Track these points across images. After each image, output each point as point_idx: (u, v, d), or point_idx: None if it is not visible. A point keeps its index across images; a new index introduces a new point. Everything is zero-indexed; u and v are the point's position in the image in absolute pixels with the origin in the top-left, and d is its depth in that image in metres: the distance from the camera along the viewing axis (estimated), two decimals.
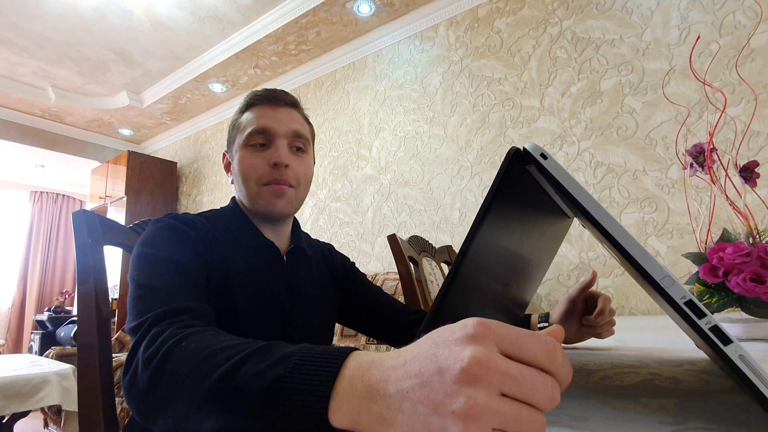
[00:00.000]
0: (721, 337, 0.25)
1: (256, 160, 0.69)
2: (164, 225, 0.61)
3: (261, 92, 0.73)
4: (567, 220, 0.54)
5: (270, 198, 0.69)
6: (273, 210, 0.69)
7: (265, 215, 0.71)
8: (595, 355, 0.60)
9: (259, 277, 0.67)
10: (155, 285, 0.50)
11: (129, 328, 0.46)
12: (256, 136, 0.69)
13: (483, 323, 0.22)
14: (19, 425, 2.17)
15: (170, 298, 0.48)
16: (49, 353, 2.54)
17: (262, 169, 0.69)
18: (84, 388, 0.62)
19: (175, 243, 0.58)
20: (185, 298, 0.49)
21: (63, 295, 4.92)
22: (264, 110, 0.71)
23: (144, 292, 0.49)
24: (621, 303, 1.63)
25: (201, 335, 0.39)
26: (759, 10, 1.49)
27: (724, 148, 1.42)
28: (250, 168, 0.69)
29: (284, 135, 0.70)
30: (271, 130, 0.69)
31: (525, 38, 2.08)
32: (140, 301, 0.48)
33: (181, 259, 0.56)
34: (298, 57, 2.91)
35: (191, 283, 0.54)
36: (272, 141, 0.70)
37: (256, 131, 0.69)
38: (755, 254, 0.64)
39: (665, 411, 0.31)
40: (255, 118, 0.70)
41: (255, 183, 0.69)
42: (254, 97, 0.73)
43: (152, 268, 0.53)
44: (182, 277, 0.53)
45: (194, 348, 0.37)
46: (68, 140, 4.10)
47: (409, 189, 2.40)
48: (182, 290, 0.51)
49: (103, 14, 2.54)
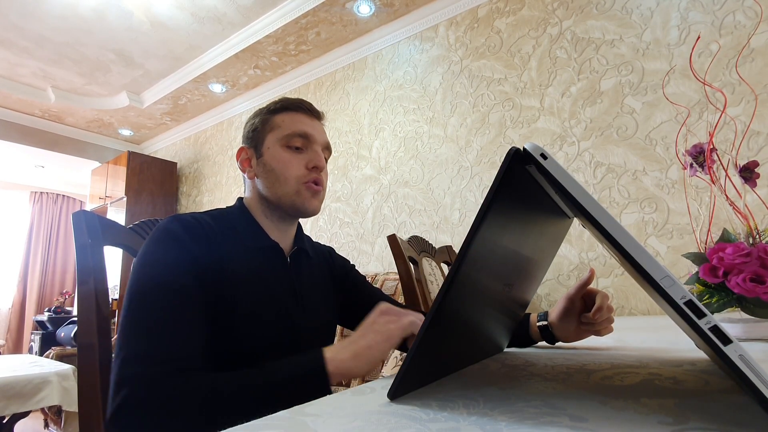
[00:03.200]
0: (720, 337, 0.25)
1: (295, 160, 0.73)
2: (167, 233, 0.61)
3: (297, 100, 0.77)
4: (567, 220, 0.54)
5: (308, 196, 0.73)
6: (308, 208, 0.73)
7: (297, 212, 0.74)
8: (595, 355, 0.60)
9: (262, 278, 0.68)
10: (149, 326, 0.52)
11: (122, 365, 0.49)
12: (297, 138, 0.73)
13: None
14: (20, 425, 2.17)
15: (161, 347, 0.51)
16: (49, 353, 2.54)
17: (301, 169, 0.73)
18: (84, 389, 0.62)
19: (174, 259, 0.59)
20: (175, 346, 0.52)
21: (63, 295, 4.92)
22: (303, 117, 0.75)
23: (139, 330, 0.52)
24: (621, 303, 1.63)
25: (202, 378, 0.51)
26: (759, 10, 1.49)
27: (724, 148, 1.43)
28: (289, 166, 0.72)
29: (321, 144, 0.76)
30: (312, 137, 0.74)
31: (525, 38, 2.08)
32: (134, 341, 0.51)
33: (176, 284, 0.56)
34: (297, 57, 2.92)
35: (184, 315, 0.55)
36: (309, 146, 0.74)
37: (299, 134, 0.73)
38: (755, 254, 0.64)
39: (665, 411, 0.31)
40: (296, 123, 0.74)
41: (295, 181, 0.72)
42: (291, 103, 0.76)
43: (149, 298, 0.54)
44: (176, 311, 0.55)
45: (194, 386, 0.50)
46: (68, 141, 4.10)
47: (409, 189, 2.40)
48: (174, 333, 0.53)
49: (103, 15, 2.54)
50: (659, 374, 0.44)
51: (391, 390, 0.39)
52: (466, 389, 0.42)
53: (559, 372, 0.49)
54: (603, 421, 0.30)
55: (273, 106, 0.77)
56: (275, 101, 0.77)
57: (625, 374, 0.45)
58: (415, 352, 0.38)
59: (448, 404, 0.37)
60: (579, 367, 0.51)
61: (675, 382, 0.40)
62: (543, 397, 0.38)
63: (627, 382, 0.42)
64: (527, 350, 0.71)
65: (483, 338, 0.56)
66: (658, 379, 0.42)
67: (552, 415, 0.32)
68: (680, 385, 0.39)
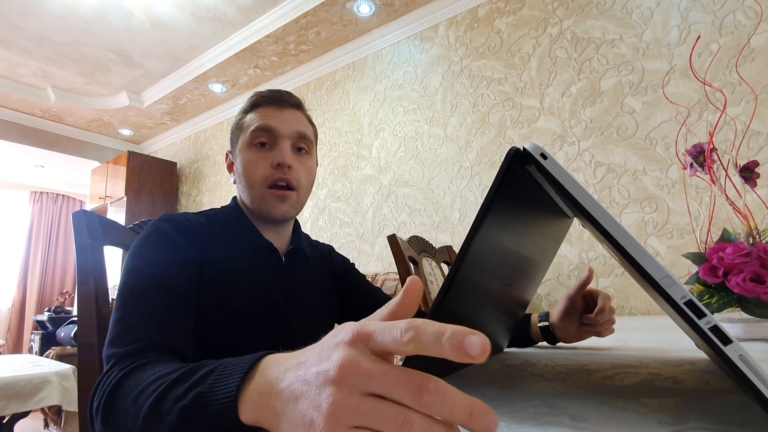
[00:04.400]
0: (720, 337, 0.25)
1: (260, 160, 0.69)
2: (154, 231, 0.60)
3: (266, 93, 0.73)
4: (567, 220, 0.54)
5: (272, 202, 0.69)
6: (274, 214, 0.69)
7: (266, 218, 0.71)
8: (595, 355, 0.60)
9: (256, 278, 0.67)
10: (130, 311, 0.51)
11: (104, 354, 0.48)
12: (259, 133, 0.69)
13: (357, 327, 0.24)
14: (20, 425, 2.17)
15: (139, 330, 0.49)
16: (49, 353, 2.54)
17: (266, 170, 0.68)
18: (84, 388, 0.62)
19: (161, 254, 0.58)
20: (152, 331, 0.50)
21: (63, 295, 4.91)
22: (269, 110, 0.71)
23: (120, 315, 0.51)
24: (621, 303, 1.63)
25: (142, 370, 0.41)
26: (759, 10, 1.49)
27: (724, 148, 1.43)
28: (253, 168, 0.69)
29: (288, 136, 0.70)
30: (276, 130, 0.69)
31: (525, 38, 2.08)
32: (116, 326, 0.50)
33: (161, 275, 0.55)
34: (297, 57, 2.92)
35: (165, 305, 0.54)
36: (276, 141, 0.69)
37: (260, 128, 0.69)
38: (755, 254, 0.64)
39: (665, 411, 0.31)
40: (259, 118, 0.70)
41: (260, 184, 0.68)
42: (259, 97, 0.72)
43: (133, 286, 0.53)
44: (158, 300, 0.53)
45: (132, 384, 0.40)
46: (68, 140, 4.10)
47: (409, 189, 2.40)
48: (153, 319, 0.51)
49: (103, 14, 2.54)
50: (659, 374, 0.44)
51: None
52: (466, 389, 0.42)
53: (559, 372, 0.49)
54: (603, 421, 0.30)
55: (246, 104, 0.74)
56: (249, 98, 0.74)
57: (625, 374, 0.45)
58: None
59: None
60: (579, 367, 0.51)
61: (675, 382, 0.40)
62: (543, 397, 0.38)
63: (627, 382, 0.42)
64: (527, 350, 0.71)
65: None
66: (658, 379, 0.42)
67: (552, 415, 0.32)
68: (680, 385, 0.39)
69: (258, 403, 0.27)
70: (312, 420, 0.22)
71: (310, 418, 0.22)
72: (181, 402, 0.32)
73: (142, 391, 0.37)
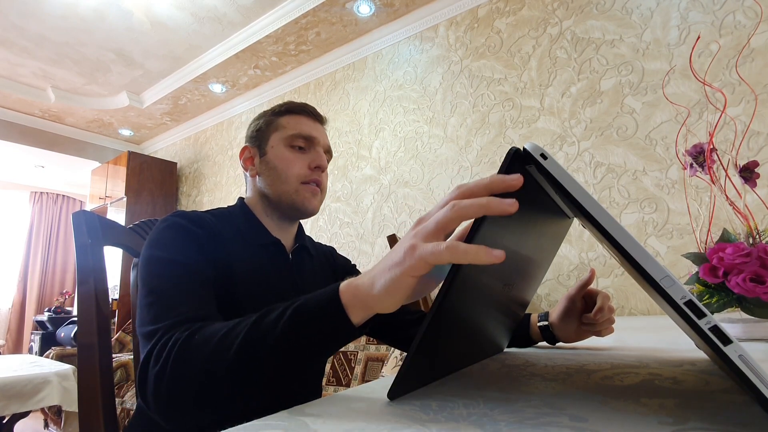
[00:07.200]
0: (720, 337, 0.25)
1: (298, 160, 0.75)
2: (171, 224, 0.62)
3: (301, 104, 0.79)
4: (567, 220, 0.54)
5: (307, 195, 0.74)
6: (308, 206, 0.75)
7: (297, 210, 0.75)
8: (595, 355, 0.60)
9: (265, 274, 0.69)
10: (165, 292, 0.52)
11: (142, 333, 0.49)
12: (300, 139, 0.76)
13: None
14: (20, 425, 2.18)
15: (179, 306, 0.51)
16: (49, 353, 2.54)
17: (302, 169, 0.75)
18: (84, 389, 0.62)
19: (182, 243, 0.60)
20: (193, 306, 0.51)
21: (63, 295, 4.91)
22: (307, 120, 0.78)
23: (154, 299, 0.51)
24: (621, 303, 1.63)
25: (207, 327, 0.44)
26: (759, 10, 1.49)
27: (724, 148, 1.43)
28: (291, 165, 0.74)
29: (323, 146, 0.78)
30: (315, 139, 0.77)
31: (525, 38, 2.08)
32: (152, 308, 0.50)
33: (188, 260, 0.57)
34: (297, 57, 2.92)
35: (197, 285, 0.56)
36: (312, 147, 0.77)
37: (302, 136, 0.76)
38: (755, 254, 0.64)
39: (665, 411, 0.31)
40: (300, 124, 0.77)
41: (295, 180, 0.74)
42: (295, 106, 0.79)
43: (161, 272, 0.55)
44: (190, 281, 0.55)
45: (208, 334, 0.43)
46: (68, 141, 4.10)
47: (409, 189, 2.40)
48: (190, 296, 0.53)
49: (103, 15, 2.54)
50: (659, 374, 0.44)
51: (391, 390, 0.39)
52: (466, 389, 0.42)
53: (559, 372, 0.49)
54: (603, 421, 0.30)
55: (278, 108, 0.79)
56: (280, 104, 0.80)
57: (625, 374, 0.45)
58: (415, 352, 0.38)
59: (448, 404, 0.37)
60: (579, 367, 0.51)
61: (675, 382, 0.40)
62: (543, 397, 0.38)
63: (627, 382, 0.42)
64: (527, 350, 0.71)
65: (483, 338, 0.56)
66: (658, 379, 0.42)
67: (552, 415, 0.32)
68: (680, 385, 0.39)
69: (354, 286, 0.37)
70: (403, 245, 0.34)
71: (402, 246, 0.34)
72: (283, 318, 0.39)
73: (228, 331, 0.41)
